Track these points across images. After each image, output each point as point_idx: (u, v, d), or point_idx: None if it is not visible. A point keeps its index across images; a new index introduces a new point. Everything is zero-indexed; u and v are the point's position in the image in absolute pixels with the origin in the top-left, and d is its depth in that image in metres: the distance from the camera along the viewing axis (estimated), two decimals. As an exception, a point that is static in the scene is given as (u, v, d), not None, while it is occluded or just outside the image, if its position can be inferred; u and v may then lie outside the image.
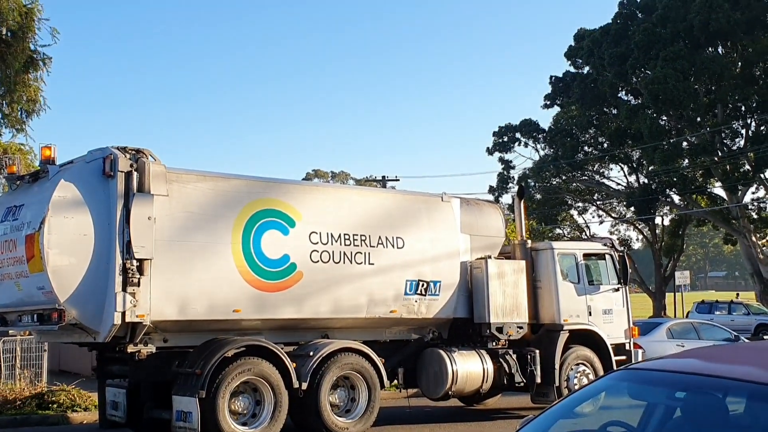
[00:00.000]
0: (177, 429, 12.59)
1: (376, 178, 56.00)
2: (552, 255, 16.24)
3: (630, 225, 58.66)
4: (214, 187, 13.27)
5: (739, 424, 4.81)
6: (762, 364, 5.13)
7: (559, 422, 5.34)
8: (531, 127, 53.76)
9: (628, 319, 17.01)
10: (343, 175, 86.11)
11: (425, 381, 15.29)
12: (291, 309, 13.66)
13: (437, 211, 15.56)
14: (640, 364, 6.04)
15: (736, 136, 45.35)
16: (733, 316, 39.39)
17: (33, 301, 12.47)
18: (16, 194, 13.24)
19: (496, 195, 53.69)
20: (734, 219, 45.98)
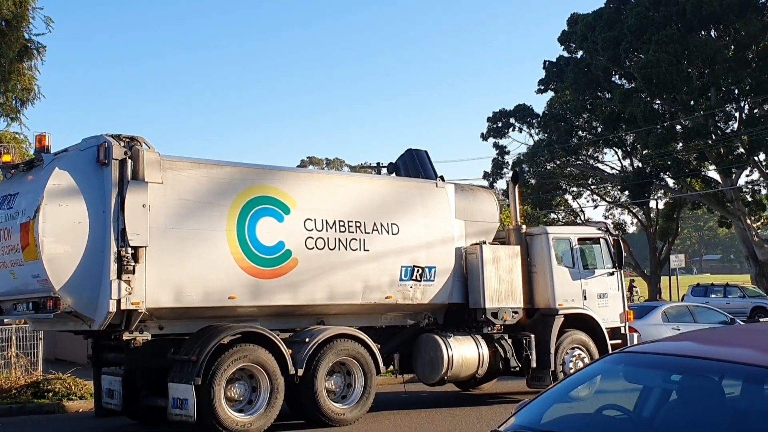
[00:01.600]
0: (173, 416, 12.60)
1: (370, 164, 55.86)
2: (547, 240, 16.26)
3: (624, 209, 58.70)
4: (208, 174, 13.24)
5: (735, 407, 4.81)
6: (757, 346, 5.16)
7: (555, 406, 5.35)
8: (525, 112, 53.82)
9: (623, 302, 17.08)
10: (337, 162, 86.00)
11: (421, 366, 15.32)
12: (286, 296, 13.66)
13: (432, 197, 15.55)
14: (635, 347, 6.06)
15: (730, 119, 45.47)
16: (729, 299, 39.44)
17: (28, 290, 12.47)
18: (10, 183, 13.23)
19: (490, 180, 53.83)
20: (729, 202, 46.10)
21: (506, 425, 5.20)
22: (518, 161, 53.59)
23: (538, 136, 53.91)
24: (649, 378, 5.43)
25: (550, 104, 53.68)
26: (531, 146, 53.50)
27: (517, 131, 54.72)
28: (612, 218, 61.01)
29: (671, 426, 4.94)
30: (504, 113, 54.25)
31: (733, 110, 45.21)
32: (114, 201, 12.19)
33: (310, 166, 79.60)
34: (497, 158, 54.88)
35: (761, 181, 46.72)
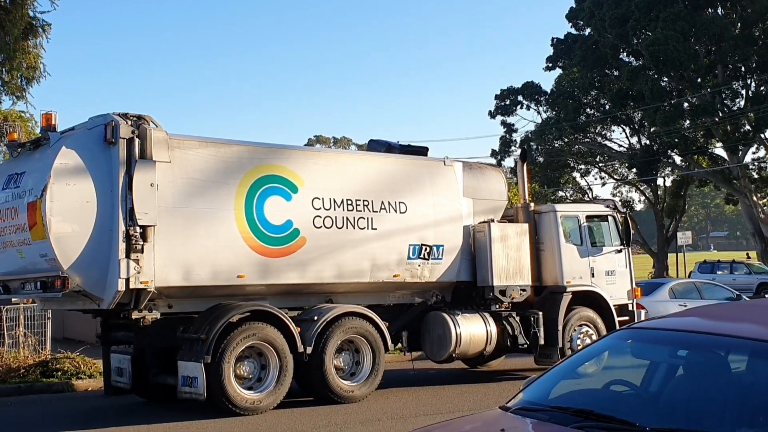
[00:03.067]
0: (183, 394, 12.67)
1: (378, 143, 55.75)
2: (555, 217, 16.24)
3: (632, 186, 58.57)
4: (216, 153, 13.22)
5: (740, 382, 4.84)
6: (763, 321, 5.22)
7: (563, 382, 5.41)
8: (533, 90, 53.57)
9: (631, 279, 17.07)
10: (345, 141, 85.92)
11: (429, 344, 15.36)
12: (295, 274, 13.68)
13: (440, 176, 15.52)
14: (642, 323, 6.12)
15: (737, 96, 45.29)
16: (735, 275, 39.59)
17: (36, 269, 12.50)
18: (17, 162, 13.22)
19: (498, 158, 53.66)
20: (735, 179, 46.08)
21: (514, 401, 5.23)
22: (526, 139, 53.39)
23: (546, 113, 53.66)
24: (656, 353, 5.47)
25: (558, 82, 53.41)
26: (539, 124, 53.24)
27: (525, 109, 54.48)
28: (620, 196, 61.04)
29: (678, 401, 4.97)
30: (512, 91, 54.00)
31: (740, 88, 45.08)
32: (122, 180, 12.19)
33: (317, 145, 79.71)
34: (505, 136, 54.65)
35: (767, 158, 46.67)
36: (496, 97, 54.54)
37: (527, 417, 4.94)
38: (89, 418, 13.08)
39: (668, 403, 5.00)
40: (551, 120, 52.31)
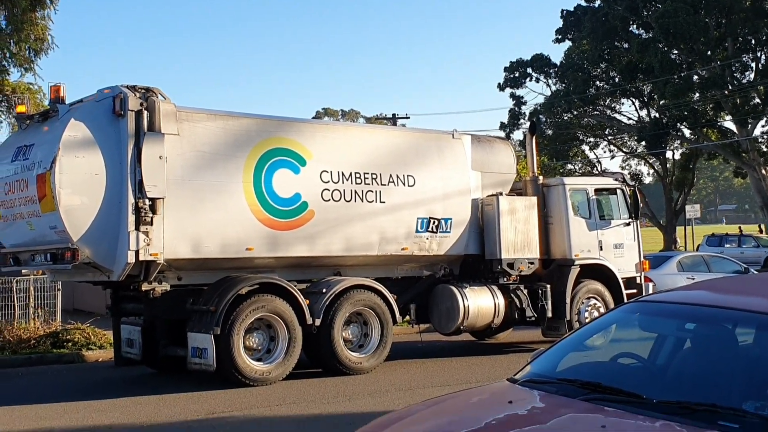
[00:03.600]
0: (192, 365, 12.75)
1: (386, 116, 55.68)
2: (563, 190, 16.20)
3: (641, 159, 58.52)
4: (224, 126, 13.22)
5: (748, 355, 4.84)
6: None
7: (570, 355, 5.42)
8: (542, 62, 53.44)
9: (639, 252, 17.04)
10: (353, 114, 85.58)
11: (437, 316, 15.40)
12: (303, 247, 13.72)
13: (448, 149, 15.48)
14: (650, 296, 6.07)
15: (746, 69, 45.27)
16: (743, 248, 39.56)
17: (46, 241, 12.55)
18: (25, 134, 13.23)
19: (507, 131, 53.61)
20: (744, 152, 46.02)
21: (522, 373, 5.26)
22: (535, 112, 53.27)
23: (556, 86, 53.59)
24: (664, 326, 5.48)
25: (567, 54, 53.21)
26: (548, 97, 53.16)
27: (534, 81, 54.42)
28: (628, 169, 60.93)
29: (685, 374, 4.97)
30: (521, 63, 53.88)
31: (750, 60, 45.02)
32: (131, 152, 12.19)
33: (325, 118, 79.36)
34: (514, 109, 54.61)
35: (777, 131, 46.55)
36: (505, 69, 54.48)
37: (535, 389, 4.95)
38: (100, 388, 13.18)
39: (675, 376, 5.00)
40: (560, 92, 52.23)
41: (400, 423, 4.78)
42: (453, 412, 4.96)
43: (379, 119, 58.03)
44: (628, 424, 4.21)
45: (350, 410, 10.80)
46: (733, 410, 4.19)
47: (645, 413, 4.27)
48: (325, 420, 10.25)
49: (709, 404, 4.25)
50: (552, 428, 4.40)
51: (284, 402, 11.49)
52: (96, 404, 11.62)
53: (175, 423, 10.27)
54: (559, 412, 4.59)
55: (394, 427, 4.71)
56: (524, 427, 4.49)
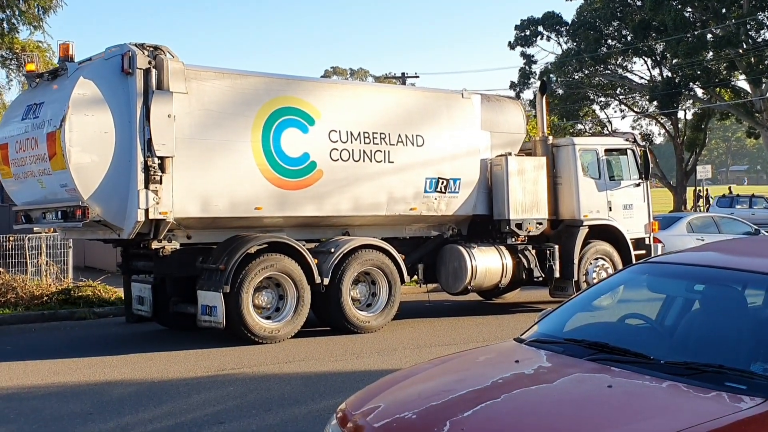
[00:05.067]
0: (202, 323, 12.88)
1: (395, 75, 55.40)
2: (573, 151, 16.12)
3: (652, 119, 58.03)
4: (232, 84, 13.18)
5: (757, 316, 4.85)
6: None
7: (578, 315, 5.44)
8: (554, 20, 52.74)
9: (649, 213, 17.00)
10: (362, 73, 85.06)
11: (445, 276, 15.46)
12: (312, 207, 13.76)
13: (458, 108, 15.41)
14: (659, 257, 6.06)
15: (762, 27, 44.47)
16: (754, 209, 39.28)
17: (56, 199, 12.63)
18: (35, 92, 13.24)
19: (517, 91, 53.20)
20: (758, 112, 45.57)
21: (529, 333, 5.29)
22: (546, 71, 52.82)
23: (567, 45, 52.95)
24: (673, 288, 5.48)
25: (579, 12, 52.58)
26: (559, 55, 52.64)
27: (546, 40, 53.66)
28: (639, 129, 60.46)
29: (693, 334, 4.97)
30: (532, 21, 53.21)
31: (766, 18, 44.18)
32: (139, 111, 12.20)
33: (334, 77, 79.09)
34: (524, 68, 54.05)
35: (792, 92, 46.06)
36: (515, 27, 53.80)
37: (541, 349, 4.99)
38: (111, 344, 13.31)
39: (683, 337, 5.02)
40: (572, 51, 51.71)
41: (407, 381, 4.79)
42: (460, 370, 4.99)
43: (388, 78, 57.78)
44: (635, 384, 4.22)
45: (358, 368, 10.91)
46: (740, 371, 4.18)
47: (652, 374, 4.28)
48: (333, 377, 10.34)
49: (716, 365, 4.25)
50: (558, 387, 4.41)
51: (293, 359, 11.60)
52: (107, 360, 11.78)
53: (185, 379, 10.41)
54: (566, 371, 4.61)
55: (402, 384, 4.73)
56: (531, 386, 4.52)
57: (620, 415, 3.91)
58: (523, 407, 4.18)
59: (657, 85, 49.41)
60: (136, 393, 9.67)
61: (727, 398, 3.97)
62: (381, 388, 4.75)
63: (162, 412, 8.79)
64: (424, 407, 4.27)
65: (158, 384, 10.15)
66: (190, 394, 9.55)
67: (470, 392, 4.44)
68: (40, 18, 22.22)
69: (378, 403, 4.45)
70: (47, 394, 9.79)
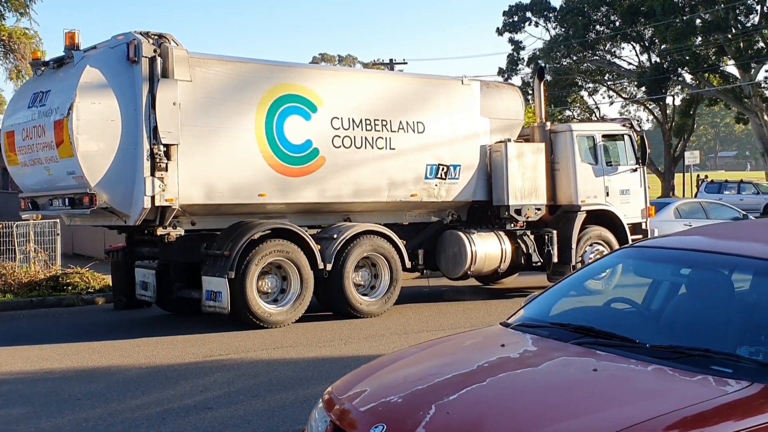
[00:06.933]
0: (207, 308, 13.07)
1: (383, 61, 55.47)
2: (571, 137, 16.30)
3: (640, 105, 58.27)
4: (235, 72, 13.33)
5: (744, 300, 4.82)
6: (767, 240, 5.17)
7: (564, 299, 5.42)
8: (542, 6, 52.89)
9: (645, 198, 17.22)
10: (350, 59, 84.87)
11: (444, 261, 15.65)
12: (314, 193, 13.94)
13: (457, 95, 15.59)
14: (646, 242, 6.10)
15: (751, 12, 44.61)
16: (743, 195, 39.26)
17: (64, 186, 12.77)
18: (41, 80, 13.34)
19: (505, 77, 53.36)
20: (746, 98, 45.79)
21: (515, 317, 5.30)
22: (534, 57, 52.95)
23: (555, 30, 53.10)
24: (659, 272, 5.50)
25: (567, -3, 52.75)
26: (547, 41, 52.79)
27: (534, 26, 53.78)
28: (627, 114, 60.79)
29: (679, 319, 4.96)
30: (520, 7, 53.32)
31: (755, 3, 44.25)
32: (145, 99, 12.35)
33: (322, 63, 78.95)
34: (512, 54, 54.26)
35: (780, 77, 46.37)
36: (504, 13, 54.01)
37: (527, 333, 4.99)
38: (99, 331, 13.41)
39: (669, 321, 5.00)
40: (560, 37, 51.88)
41: (394, 365, 4.79)
42: (446, 355, 5.00)
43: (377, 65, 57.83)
44: (620, 367, 4.21)
45: (346, 354, 10.93)
46: (726, 355, 4.15)
47: (637, 357, 4.27)
48: (320, 363, 10.39)
49: (702, 349, 4.22)
50: (544, 371, 4.41)
51: (281, 345, 11.67)
52: (95, 346, 11.87)
53: (173, 365, 10.45)
54: (551, 355, 4.60)
55: (388, 369, 4.73)
56: (516, 370, 4.53)
57: (605, 399, 3.89)
58: (508, 391, 4.17)
59: (645, 71, 49.58)
60: (124, 379, 9.73)
61: (713, 382, 3.94)
62: (367, 372, 4.73)
63: (149, 398, 8.82)
64: (409, 391, 4.26)
65: (146, 370, 10.22)
66: (178, 381, 9.57)
67: (456, 376, 4.41)
68: (26, 5, 22.19)
69: (364, 388, 4.43)
70: (35, 379, 9.86)
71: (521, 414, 3.82)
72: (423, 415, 3.88)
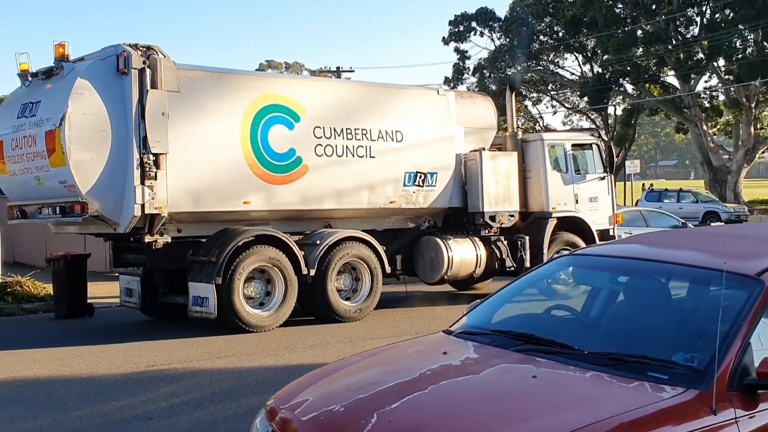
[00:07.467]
0: (193, 313, 13.36)
1: (330, 69, 55.82)
2: (542, 146, 16.93)
3: (583, 115, 59.33)
4: (221, 83, 13.72)
5: (680, 308, 4.96)
6: (705, 249, 5.26)
7: (505, 306, 5.49)
8: (487, 16, 53.60)
9: (613, 206, 17.93)
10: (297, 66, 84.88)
11: (422, 267, 16.13)
12: (297, 200, 14.34)
13: (434, 105, 16.15)
14: (585, 249, 6.32)
15: (691, 23, 45.68)
16: (682, 204, 39.81)
17: (54, 195, 12.97)
18: (30, 91, 13.50)
19: (451, 86, 53.90)
20: (686, 108, 46.81)
21: (458, 325, 5.35)
22: (479, 66, 53.78)
23: (500, 40, 53.94)
24: (598, 279, 5.60)
25: (512, 8, 53.63)
26: (492, 51, 53.58)
27: (479, 36, 54.54)
28: (570, 124, 61.85)
29: (617, 326, 5.05)
30: (466, 17, 54.01)
31: (695, 15, 45.41)
32: (134, 109, 12.66)
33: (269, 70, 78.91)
34: (458, 63, 54.95)
35: (719, 87, 47.43)
36: (449, 23, 54.58)
37: (469, 340, 5.04)
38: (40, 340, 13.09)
39: (608, 328, 5.09)
40: (504, 47, 52.64)
41: (337, 374, 4.80)
42: (389, 362, 5.04)
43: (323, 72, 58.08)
44: (559, 374, 4.26)
45: (290, 362, 10.88)
46: (663, 362, 4.22)
47: (576, 364, 4.31)
48: (264, 372, 10.34)
49: (639, 356, 4.28)
50: (484, 378, 4.46)
51: (224, 355, 11.59)
52: (36, 356, 11.67)
53: (115, 375, 10.34)
54: (492, 362, 4.65)
55: (330, 378, 4.73)
56: (458, 377, 4.58)
57: (544, 406, 3.93)
58: (449, 398, 4.19)
59: (588, 81, 50.60)
60: (65, 390, 9.58)
61: (649, 388, 4.00)
62: (310, 381, 4.72)
63: (91, 409, 8.67)
64: (352, 400, 4.28)
65: (87, 380, 10.09)
66: (119, 391, 9.42)
67: (398, 384, 4.43)
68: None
69: (306, 397, 4.44)
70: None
71: (461, 421, 3.85)
72: (365, 423, 3.90)
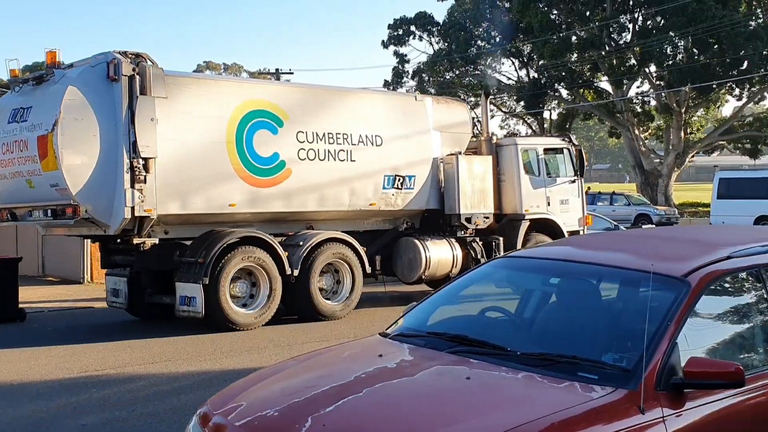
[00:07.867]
0: (181, 312, 13.65)
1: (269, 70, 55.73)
2: (515, 150, 17.54)
3: (519, 119, 60.25)
4: (207, 89, 14.13)
5: (610, 309, 5.05)
6: (634, 251, 5.35)
7: (441, 308, 5.57)
8: (426, 20, 54.05)
9: (583, 208, 18.61)
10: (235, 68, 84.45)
11: (401, 267, 16.62)
12: (281, 203, 14.71)
13: (412, 110, 16.66)
14: (518, 252, 6.52)
15: (624, 30, 46.57)
16: (615, 206, 40.30)
17: (45, 198, 13.16)
18: (20, 96, 13.64)
19: (390, 89, 54.40)
20: (619, 113, 47.76)
21: (393, 327, 5.41)
22: (418, 70, 54.30)
23: (439, 45, 54.51)
24: (530, 281, 5.71)
25: (450, 12, 54.24)
26: (431, 55, 54.17)
27: (418, 40, 55.02)
28: (507, 128, 62.78)
29: (549, 327, 5.14)
30: (405, 20, 54.31)
31: (627, 21, 46.33)
32: (124, 115, 12.95)
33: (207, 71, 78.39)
34: (397, 67, 55.30)
35: (651, 92, 48.62)
36: (389, 26, 54.81)
37: (405, 342, 5.09)
38: None
39: (540, 330, 5.19)
40: (443, 51, 53.25)
41: (271, 378, 4.80)
42: (324, 366, 5.06)
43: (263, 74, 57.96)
44: (492, 375, 4.33)
45: (226, 367, 10.85)
46: (592, 362, 4.28)
47: (508, 365, 4.38)
48: (197, 376, 10.27)
49: (570, 356, 4.35)
50: (419, 380, 4.50)
51: (159, 360, 11.48)
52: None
53: (46, 380, 10.20)
54: (427, 364, 4.70)
55: (265, 382, 4.74)
56: (393, 380, 4.60)
57: (477, 407, 3.98)
58: (383, 401, 4.23)
59: (524, 86, 51.42)
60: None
61: (579, 388, 4.05)
62: (244, 386, 4.72)
63: (21, 414, 8.56)
64: (286, 404, 4.27)
65: (17, 386, 9.92)
66: (51, 396, 9.28)
67: (333, 388, 4.44)
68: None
69: (240, 402, 4.42)
70: None
71: (396, 424, 3.89)
72: (299, 427, 3.92)
